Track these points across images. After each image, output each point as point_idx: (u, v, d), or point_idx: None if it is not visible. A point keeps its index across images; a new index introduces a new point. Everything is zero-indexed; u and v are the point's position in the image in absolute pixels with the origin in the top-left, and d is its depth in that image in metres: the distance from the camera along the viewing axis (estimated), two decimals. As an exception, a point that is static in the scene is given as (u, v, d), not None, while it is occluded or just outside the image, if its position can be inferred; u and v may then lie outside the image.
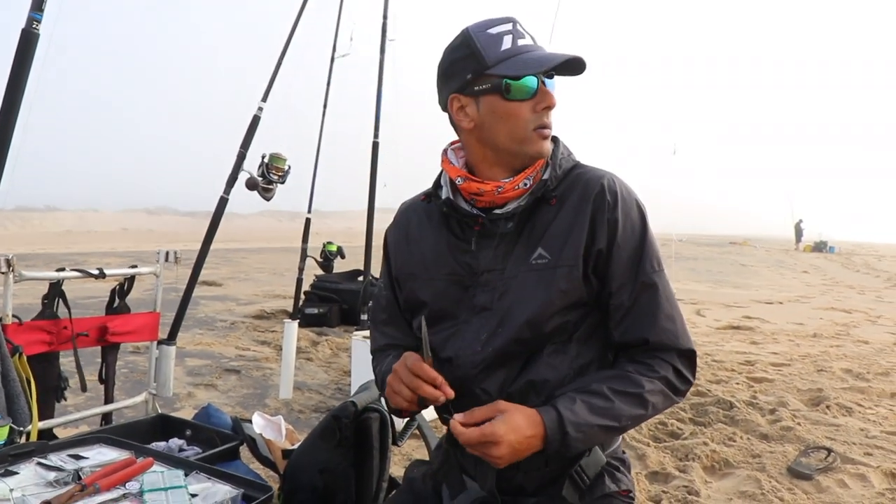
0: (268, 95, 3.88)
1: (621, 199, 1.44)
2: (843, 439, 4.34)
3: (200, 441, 2.63)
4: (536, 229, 1.45)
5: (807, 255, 31.47)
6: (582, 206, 1.43)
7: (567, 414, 1.33)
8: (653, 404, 1.40)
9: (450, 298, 1.52)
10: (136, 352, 5.78)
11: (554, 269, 1.41)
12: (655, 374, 1.40)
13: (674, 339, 1.43)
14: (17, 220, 45.09)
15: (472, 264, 1.49)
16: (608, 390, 1.37)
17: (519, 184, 1.44)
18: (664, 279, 1.45)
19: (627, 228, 1.43)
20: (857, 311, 11.58)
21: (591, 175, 1.47)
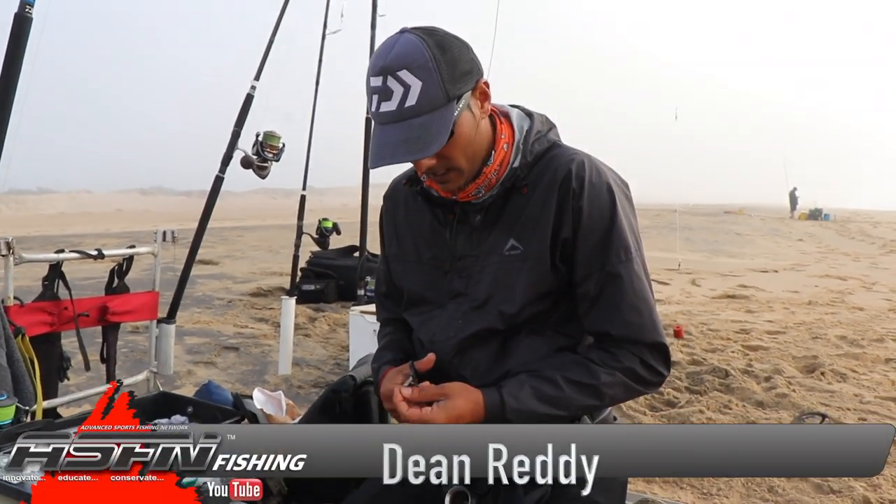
0: (260, 74, 3.87)
1: (588, 184, 1.38)
2: (838, 405, 4.41)
3: (202, 417, 2.66)
4: (509, 218, 1.43)
5: (802, 224, 31.47)
6: (549, 194, 1.39)
7: (510, 401, 1.33)
8: (610, 396, 1.38)
9: (429, 282, 1.53)
10: (136, 331, 5.81)
11: (524, 260, 1.40)
12: (618, 365, 1.37)
13: (638, 332, 1.38)
14: (11, 203, 44.85)
15: (451, 250, 1.49)
16: (561, 378, 1.36)
17: (472, 192, 1.42)
18: (633, 269, 1.39)
19: (594, 216, 1.38)
20: (852, 279, 11.64)
21: (560, 160, 1.42)
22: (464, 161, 1.36)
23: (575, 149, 1.47)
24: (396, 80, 1.28)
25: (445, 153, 1.33)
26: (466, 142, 1.35)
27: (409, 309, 1.61)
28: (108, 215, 37.93)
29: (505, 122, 1.46)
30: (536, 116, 1.49)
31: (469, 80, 1.32)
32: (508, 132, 1.44)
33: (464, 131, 1.33)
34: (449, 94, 1.28)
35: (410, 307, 1.60)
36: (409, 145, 1.28)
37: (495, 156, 1.41)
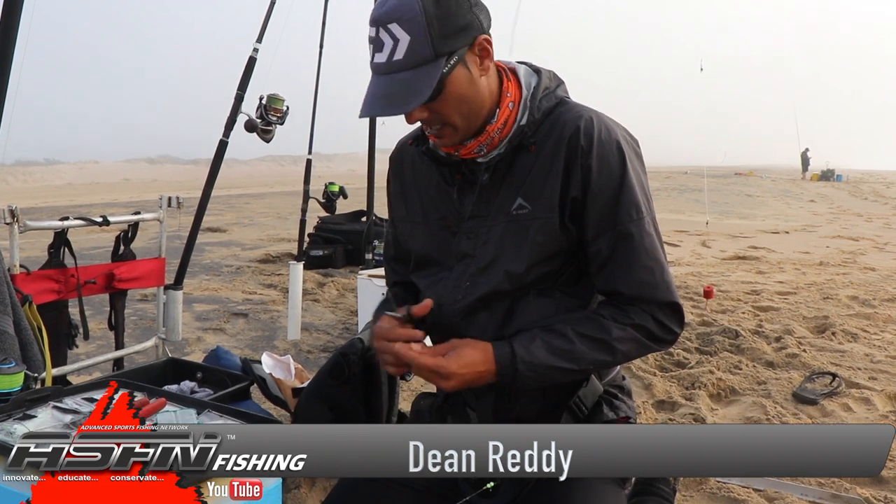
0: (263, 36, 3.81)
1: (597, 142, 1.35)
2: (849, 365, 4.39)
3: (211, 383, 2.67)
4: (517, 177, 1.41)
5: (814, 184, 31.26)
6: (557, 152, 1.36)
7: (521, 352, 1.33)
8: (622, 352, 1.36)
9: (437, 244, 1.50)
10: (144, 299, 5.83)
11: (532, 219, 1.38)
12: (629, 321, 1.36)
13: (651, 292, 1.37)
14: (18, 174, 44.96)
15: (458, 210, 1.47)
16: (572, 332, 1.35)
17: (474, 149, 1.40)
18: (644, 228, 1.37)
19: (604, 174, 1.35)
20: (864, 239, 11.57)
21: (568, 116, 1.39)
22: (458, 118, 1.34)
23: (583, 105, 1.44)
24: (387, 32, 1.27)
25: (437, 109, 1.32)
26: (459, 99, 1.32)
27: (416, 271, 1.59)
28: (116, 185, 38.01)
29: (513, 79, 1.43)
30: (544, 73, 1.46)
31: (464, 36, 1.29)
32: (515, 90, 1.42)
33: (457, 88, 1.31)
34: (437, 51, 1.27)
35: (418, 269, 1.58)
36: (389, 99, 1.29)
37: (499, 114, 1.38)
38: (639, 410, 3.53)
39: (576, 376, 1.40)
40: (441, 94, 1.30)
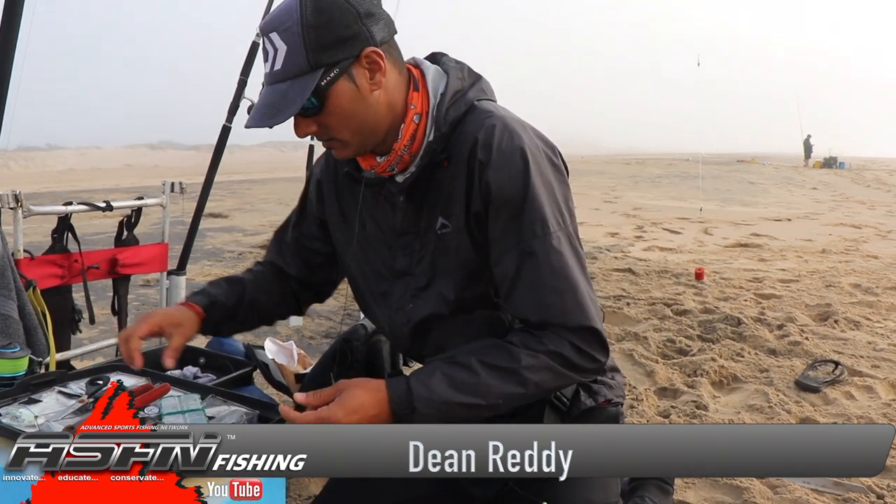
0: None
1: (496, 151, 1.26)
2: (851, 352, 4.39)
3: (214, 368, 2.66)
4: (435, 195, 1.34)
5: (816, 172, 31.19)
6: (461, 167, 1.29)
7: (418, 389, 1.22)
8: (535, 382, 1.24)
9: (377, 257, 1.47)
10: (147, 285, 5.83)
11: (453, 237, 1.33)
12: (543, 348, 1.24)
13: (559, 316, 1.24)
14: (20, 159, 44.90)
15: (392, 226, 1.42)
16: (477, 363, 1.24)
17: (386, 168, 1.34)
18: (550, 245, 1.25)
19: (505, 187, 1.25)
20: (867, 227, 11.55)
21: (470, 127, 1.30)
22: (346, 133, 1.29)
23: (491, 110, 1.33)
24: (269, 42, 1.24)
25: (323, 122, 1.27)
26: (345, 113, 1.26)
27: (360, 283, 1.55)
28: (118, 170, 37.96)
29: (421, 87, 1.34)
30: (453, 72, 1.36)
31: (348, 48, 1.22)
32: (421, 101, 1.33)
33: (341, 102, 1.25)
34: (312, 62, 1.21)
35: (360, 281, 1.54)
36: (265, 110, 1.23)
37: (403, 129, 1.31)
38: (641, 398, 3.54)
39: (486, 412, 1.26)
40: (325, 108, 1.24)
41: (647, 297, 5.75)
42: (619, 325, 4.91)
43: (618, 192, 18.12)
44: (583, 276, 1.29)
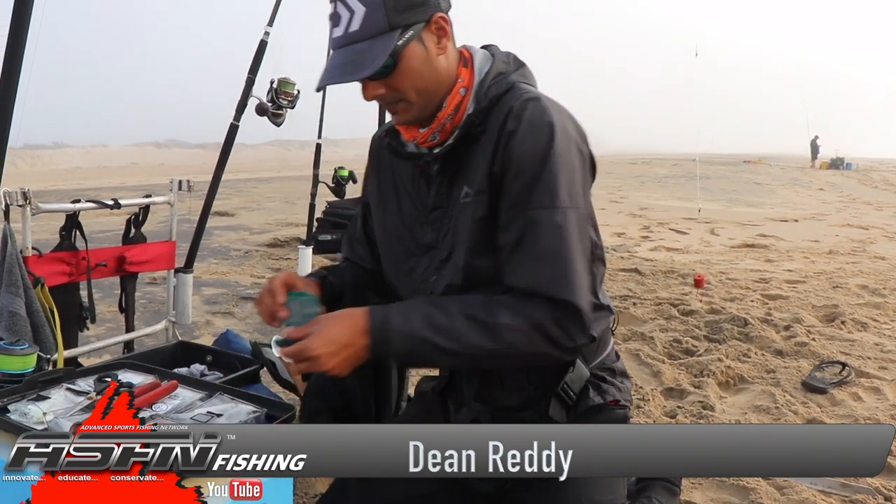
0: (274, 19, 3.79)
1: (526, 123, 1.30)
2: (858, 354, 4.37)
3: (221, 366, 2.68)
4: (466, 165, 1.39)
5: (823, 173, 31.06)
6: (492, 136, 1.34)
7: (396, 319, 1.28)
8: (508, 342, 1.26)
9: (409, 234, 1.50)
10: (154, 283, 5.84)
11: (472, 204, 1.36)
12: (525, 311, 1.26)
13: (546, 287, 1.26)
14: (27, 157, 45.01)
15: (425, 201, 1.46)
16: (457, 310, 1.28)
17: (427, 137, 1.40)
18: (556, 218, 1.27)
19: (525, 156, 1.29)
20: (874, 228, 11.49)
21: (507, 100, 1.35)
22: (413, 94, 1.35)
23: (533, 90, 1.39)
24: (344, 5, 1.29)
25: (392, 84, 1.32)
26: (414, 74, 1.33)
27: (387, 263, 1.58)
28: (124, 169, 38.06)
29: (469, 64, 1.41)
30: (499, 57, 1.43)
31: (421, 12, 1.30)
32: (468, 76, 1.40)
33: (411, 63, 1.32)
34: (391, 23, 1.27)
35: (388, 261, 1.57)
36: (344, 68, 1.30)
37: (448, 100, 1.37)
38: (647, 398, 3.53)
39: (455, 360, 1.32)
40: (396, 69, 1.31)
41: (653, 298, 5.74)
42: (625, 325, 4.90)
43: (624, 192, 18.08)
44: (581, 258, 1.31)
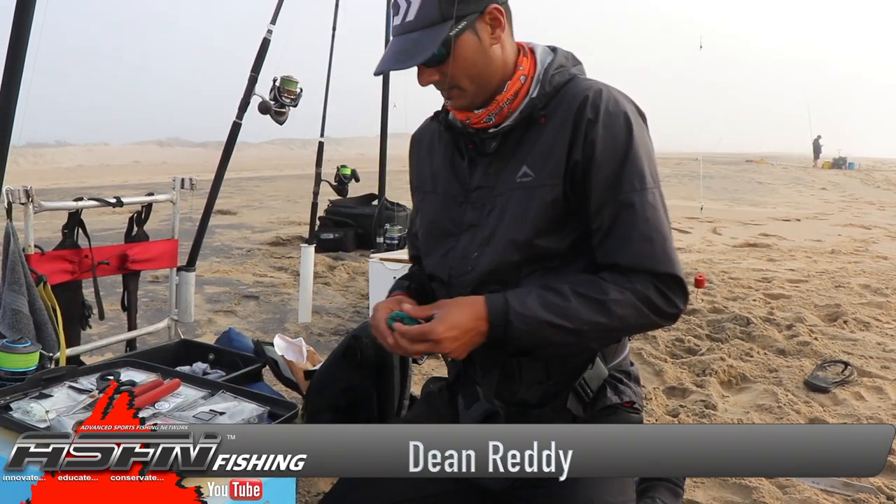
0: (276, 18, 3.80)
1: (604, 112, 1.37)
2: (861, 353, 4.37)
3: (223, 364, 2.67)
4: (525, 147, 1.44)
5: (825, 172, 31.01)
6: (565, 122, 1.39)
7: (515, 304, 1.33)
8: (619, 316, 1.34)
9: (446, 214, 1.54)
10: (156, 281, 5.85)
11: (536, 187, 1.40)
12: (631, 286, 1.34)
13: (649, 262, 1.35)
14: (29, 155, 45.04)
15: (467, 181, 1.50)
16: (569, 290, 1.34)
17: (483, 118, 1.45)
18: (646, 198, 1.36)
19: (608, 144, 1.36)
20: (876, 228, 11.48)
21: (578, 88, 1.42)
22: (466, 81, 1.41)
23: (595, 80, 1.46)
24: None
25: (447, 71, 1.38)
26: (467, 63, 1.38)
27: (426, 244, 1.61)
28: (126, 167, 38.10)
29: (530, 56, 1.48)
30: (560, 51, 1.50)
31: (473, 3, 1.36)
32: (529, 65, 1.47)
33: (465, 52, 1.37)
34: (444, 14, 1.34)
35: (428, 242, 1.60)
36: (397, 56, 1.37)
37: (509, 85, 1.43)
38: (650, 397, 3.53)
39: (571, 338, 1.35)
40: (450, 57, 1.37)
41: (655, 297, 5.73)
42: (627, 325, 4.89)
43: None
44: (670, 231, 1.40)
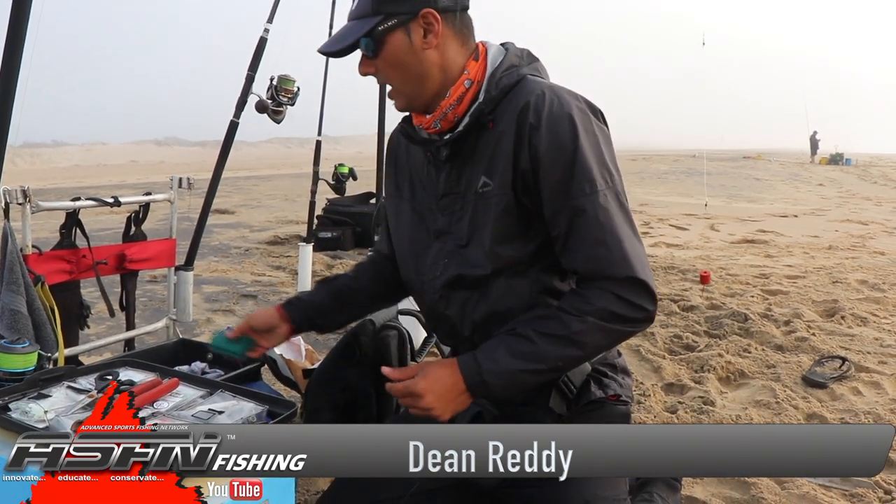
0: (273, 16, 3.79)
1: (547, 116, 1.35)
2: (858, 349, 4.38)
3: (222, 364, 2.67)
4: (480, 155, 1.43)
5: (822, 168, 31.06)
6: (509, 129, 1.38)
7: (485, 362, 1.33)
8: (588, 343, 1.34)
9: (420, 222, 1.54)
10: (154, 280, 5.85)
11: (492, 196, 1.41)
12: (589, 308, 1.32)
13: (605, 267, 1.32)
14: (26, 155, 44.94)
15: (435, 188, 1.51)
16: (533, 333, 1.33)
17: (430, 124, 1.46)
18: (598, 202, 1.34)
19: (553, 150, 1.34)
20: (873, 223, 11.50)
21: (522, 92, 1.40)
22: (396, 80, 1.44)
23: (543, 80, 1.44)
24: None
25: (378, 66, 1.44)
26: (396, 62, 1.41)
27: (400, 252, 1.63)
28: (124, 167, 38.05)
29: (482, 58, 1.47)
30: (512, 51, 1.49)
31: (406, 4, 1.38)
32: (477, 69, 1.45)
33: (394, 50, 1.40)
34: (374, 9, 1.39)
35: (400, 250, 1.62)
36: (332, 39, 1.45)
37: (452, 90, 1.43)
38: (648, 393, 3.53)
39: (550, 376, 1.39)
40: (381, 53, 1.41)
41: (653, 293, 5.74)
42: (625, 321, 4.90)
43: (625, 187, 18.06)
44: (629, 230, 1.37)
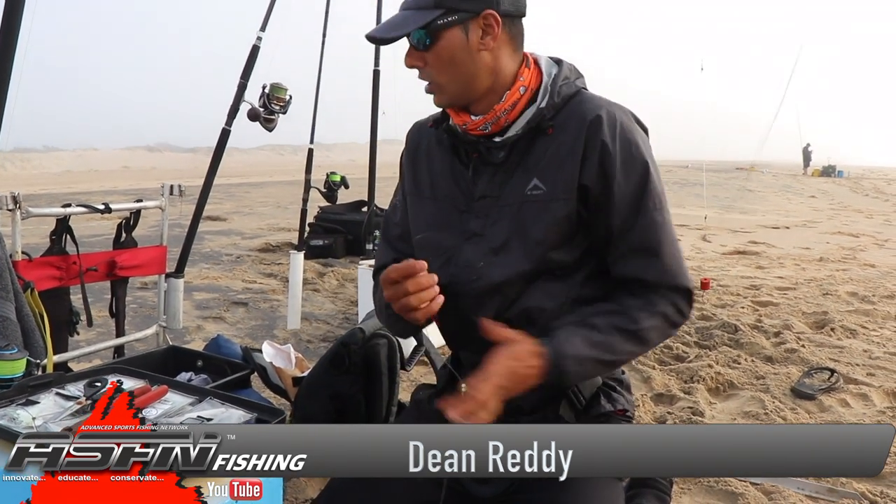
0: (266, 25, 3.80)
1: (620, 131, 1.39)
2: (847, 360, 4.40)
3: (212, 371, 2.67)
4: (533, 159, 1.43)
5: (815, 180, 31.24)
6: (577, 137, 1.39)
7: (567, 348, 1.33)
8: (650, 340, 1.40)
9: (442, 220, 1.52)
10: (144, 287, 5.83)
11: (548, 201, 1.40)
12: (654, 310, 1.38)
13: (672, 279, 1.40)
14: (17, 160, 44.76)
15: (470, 190, 1.49)
16: (605, 324, 1.37)
17: (479, 126, 1.45)
18: (665, 216, 1.42)
19: (627, 163, 1.39)
20: (864, 235, 11.57)
21: (590, 104, 1.42)
22: (444, 78, 1.41)
23: (599, 95, 1.47)
24: None
25: (428, 60, 1.40)
26: (449, 58, 1.39)
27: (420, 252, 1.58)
28: (115, 172, 37.97)
29: (534, 67, 1.47)
30: (565, 64, 1.51)
31: (470, 2, 1.37)
32: (532, 77, 1.46)
33: (448, 46, 1.38)
34: (436, 1, 1.36)
35: (420, 250, 1.58)
36: (386, 26, 1.41)
37: (508, 95, 1.43)
38: (637, 403, 3.54)
39: (612, 369, 1.45)
40: (434, 46, 1.38)
41: (644, 304, 5.75)
42: (616, 332, 4.91)
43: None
44: (678, 243, 1.46)
